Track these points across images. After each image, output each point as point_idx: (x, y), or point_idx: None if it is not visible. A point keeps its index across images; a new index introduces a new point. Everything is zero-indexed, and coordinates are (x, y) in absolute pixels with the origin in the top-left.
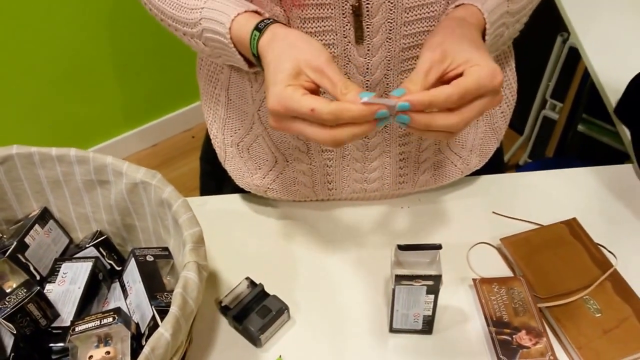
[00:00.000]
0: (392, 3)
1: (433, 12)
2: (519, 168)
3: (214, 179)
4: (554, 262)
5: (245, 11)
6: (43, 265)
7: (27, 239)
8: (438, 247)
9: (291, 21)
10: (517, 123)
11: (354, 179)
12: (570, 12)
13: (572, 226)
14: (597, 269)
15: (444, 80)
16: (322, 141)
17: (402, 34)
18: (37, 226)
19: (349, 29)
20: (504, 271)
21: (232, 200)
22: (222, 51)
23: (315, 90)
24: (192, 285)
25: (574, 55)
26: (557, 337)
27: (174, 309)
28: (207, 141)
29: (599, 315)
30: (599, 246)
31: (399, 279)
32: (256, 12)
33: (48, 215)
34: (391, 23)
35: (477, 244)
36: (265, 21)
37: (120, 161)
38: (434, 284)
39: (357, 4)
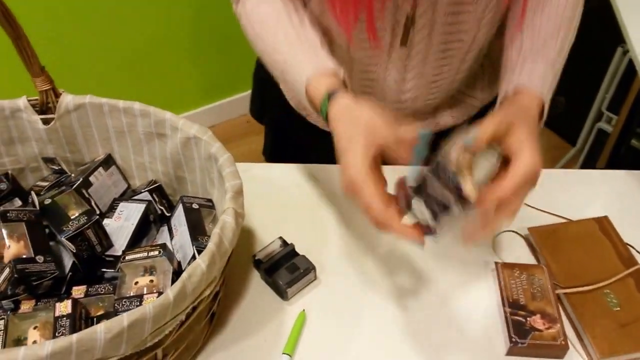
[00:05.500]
0: (434, 6)
1: (469, 12)
2: None
3: (260, 98)
4: (579, 255)
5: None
6: (103, 203)
7: (92, 178)
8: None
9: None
10: (570, 134)
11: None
12: (628, 23)
13: (603, 223)
14: (622, 266)
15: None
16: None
17: (439, 31)
18: (101, 168)
19: (397, 33)
20: (528, 260)
21: (273, 168)
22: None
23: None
24: (228, 227)
25: (633, 68)
26: (573, 325)
27: (210, 245)
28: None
29: (618, 309)
30: (628, 245)
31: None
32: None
33: (112, 161)
34: (431, 24)
35: (504, 231)
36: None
37: (177, 117)
38: None
39: (411, 13)
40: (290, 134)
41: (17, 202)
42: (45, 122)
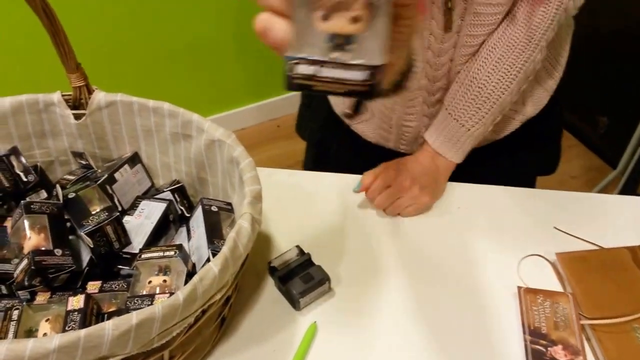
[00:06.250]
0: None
1: (495, 16)
2: None
3: (309, 108)
4: (609, 285)
5: None
6: (125, 200)
7: (117, 175)
8: None
9: None
10: (611, 156)
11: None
12: None
13: (636, 253)
14: None
15: None
16: None
17: (469, 24)
18: (126, 166)
19: (439, 20)
20: (554, 286)
21: (296, 175)
22: None
23: None
24: (244, 232)
25: None
26: (597, 359)
27: (224, 250)
28: None
29: None
30: None
31: None
32: None
33: (138, 159)
34: (462, 20)
35: (530, 255)
36: None
37: (203, 119)
38: None
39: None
40: (333, 148)
41: (43, 194)
42: (77, 117)
